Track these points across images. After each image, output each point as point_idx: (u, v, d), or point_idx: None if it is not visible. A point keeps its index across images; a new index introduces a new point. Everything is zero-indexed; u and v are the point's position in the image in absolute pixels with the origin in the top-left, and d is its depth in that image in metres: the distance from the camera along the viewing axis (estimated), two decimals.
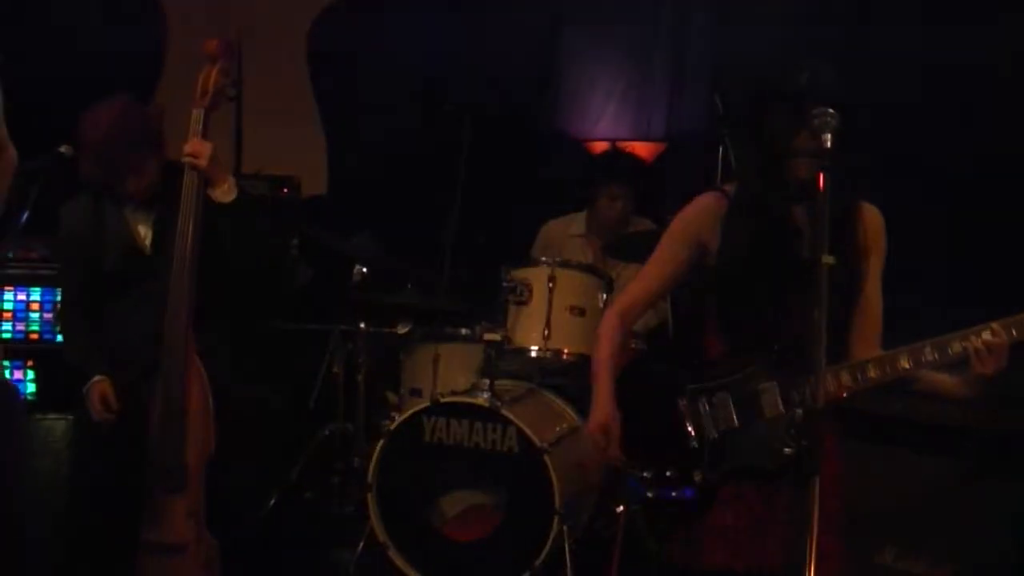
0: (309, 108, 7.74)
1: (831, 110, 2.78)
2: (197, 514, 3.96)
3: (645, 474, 3.18)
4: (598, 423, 3.18)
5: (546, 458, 4.42)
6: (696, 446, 3.12)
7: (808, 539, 2.57)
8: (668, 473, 3.16)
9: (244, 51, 6.37)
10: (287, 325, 5.98)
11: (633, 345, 5.12)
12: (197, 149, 3.98)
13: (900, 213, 3.23)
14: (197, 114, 4.04)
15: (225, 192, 4.07)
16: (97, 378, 4.12)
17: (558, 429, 4.73)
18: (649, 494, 3.18)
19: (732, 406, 3.10)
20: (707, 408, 3.14)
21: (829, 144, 2.76)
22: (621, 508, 4.82)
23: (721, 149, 5.57)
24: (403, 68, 7.39)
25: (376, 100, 7.45)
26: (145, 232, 4.21)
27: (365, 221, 6.16)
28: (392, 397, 5.53)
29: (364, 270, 5.48)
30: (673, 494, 3.15)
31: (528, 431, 4.49)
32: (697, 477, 3.11)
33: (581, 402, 5.02)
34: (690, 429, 3.14)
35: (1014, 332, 2.83)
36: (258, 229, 4.22)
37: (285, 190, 6.30)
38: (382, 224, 5.99)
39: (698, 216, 3.21)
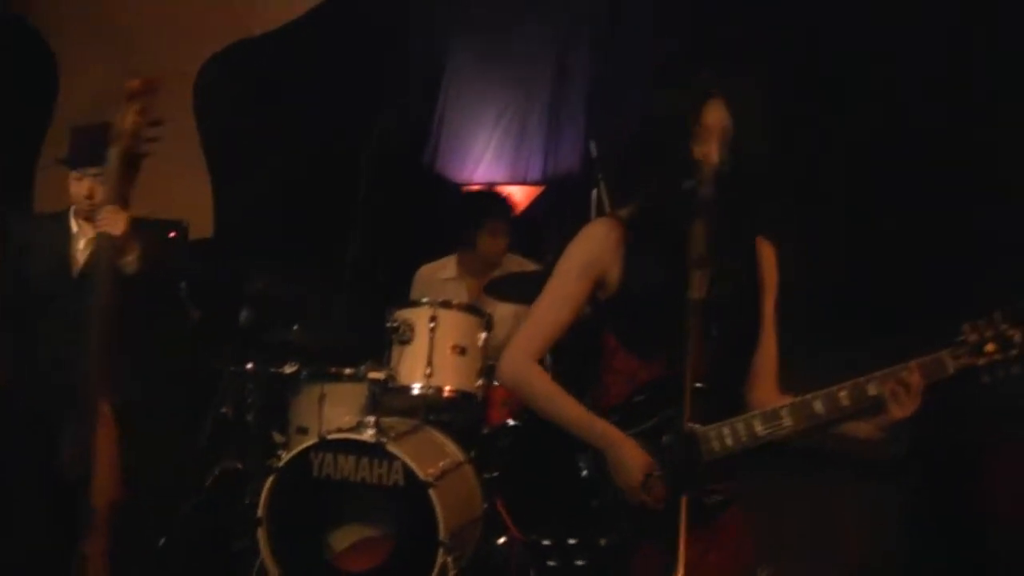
0: (196, 153, 7.82)
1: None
2: (103, 556, 4.01)
3: (545, 542, 2.93)
4: (641, 466, 2.79)
5: (431, 491, 4.55)
6: (600, 505, 2.87)
7: None
8: (571, 541, 2.89)
9: None
10: (176, 365, 6.02)
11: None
12: (113, 218, 4.01)
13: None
14: (112, 154, 4.02)
15: (130, 263, 4.12)
16: None
17: (442, 464, 4.84)
18: (551, 563, 2.91)
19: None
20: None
21: (704, 189, 2.69)
22: (503, 540, 5.03)
23: (595, 192, 5.77)
24: (294, 112, 7.48)
25: (269, 141, 7.54)
26: (85, 247, 4.31)
27: (256, 261, 6.22)
28: (278, 437, 5.63)
29: (251, 311, 5.57)
30: (580, 563, 2.87)
31: (413, 465, 4.61)
32: (603, 542, 2.85)
33: (464, 437, 5.20)
34: (593, 489, 2.87)
35: (934, 371, 2.72)
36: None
37: (173, 233, 6.35)
38: (274, 263, 6.06)
39: (595, 246, 2.94)
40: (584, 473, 2.89)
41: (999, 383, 2.70)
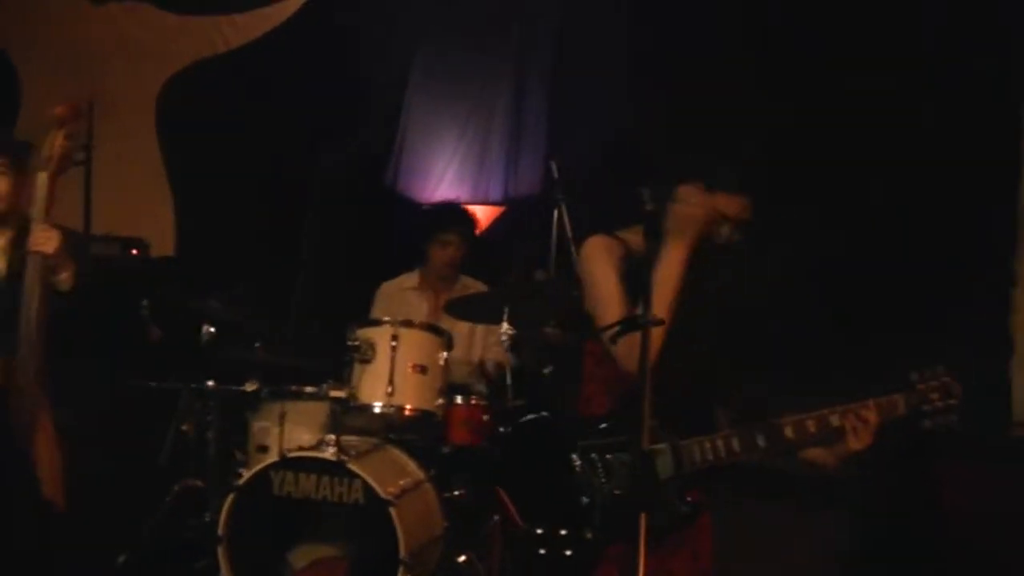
0: (159, 171, 7.82)
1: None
2: None
3: (538, 531, 3.14)
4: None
5: (391, 510, 4.56)
6: (588, 503, 3.10)
7: None
8: (562, 532, 3.11)
9: (96, 113, 6.45)
10: (137, 383, 6.01)
11: (474, 401, 5.34)
12: (44, 237, 3.97)
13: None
14: (43, 178, 4.03)
15: (65, 280, 4.07)
16: None
17: (403, 483, 4.86)
18: (541, 551, 3.11)
19: (627, 467, 3.06)
20: (600, 467, 3.10)
21: (650, 209, 2.88)
22: (464, 558, 5.05)
23: (556, 213, 5.83)
24: (257, 131, 7.50)
25: (232, 161, 7.56)
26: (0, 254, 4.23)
27: (216, 280, 6.21)
28: (239, 454, 5.62)
29: (212, 329, 5.56)
30: (568, 552, 3.09)
31: (374, 484, 4.63)
32: (588, 535, 3.08)
33: (425, 456, 5.22)
34: (583, 487, 3.10)
35: (888, 411, 3.04)
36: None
37: (134, 251, 6.36)
38: (233, 282, 6.06)
39: (607, 255, 3.19)
40: (577, 470, 3.12)
41: (939, 429, 3.05)
